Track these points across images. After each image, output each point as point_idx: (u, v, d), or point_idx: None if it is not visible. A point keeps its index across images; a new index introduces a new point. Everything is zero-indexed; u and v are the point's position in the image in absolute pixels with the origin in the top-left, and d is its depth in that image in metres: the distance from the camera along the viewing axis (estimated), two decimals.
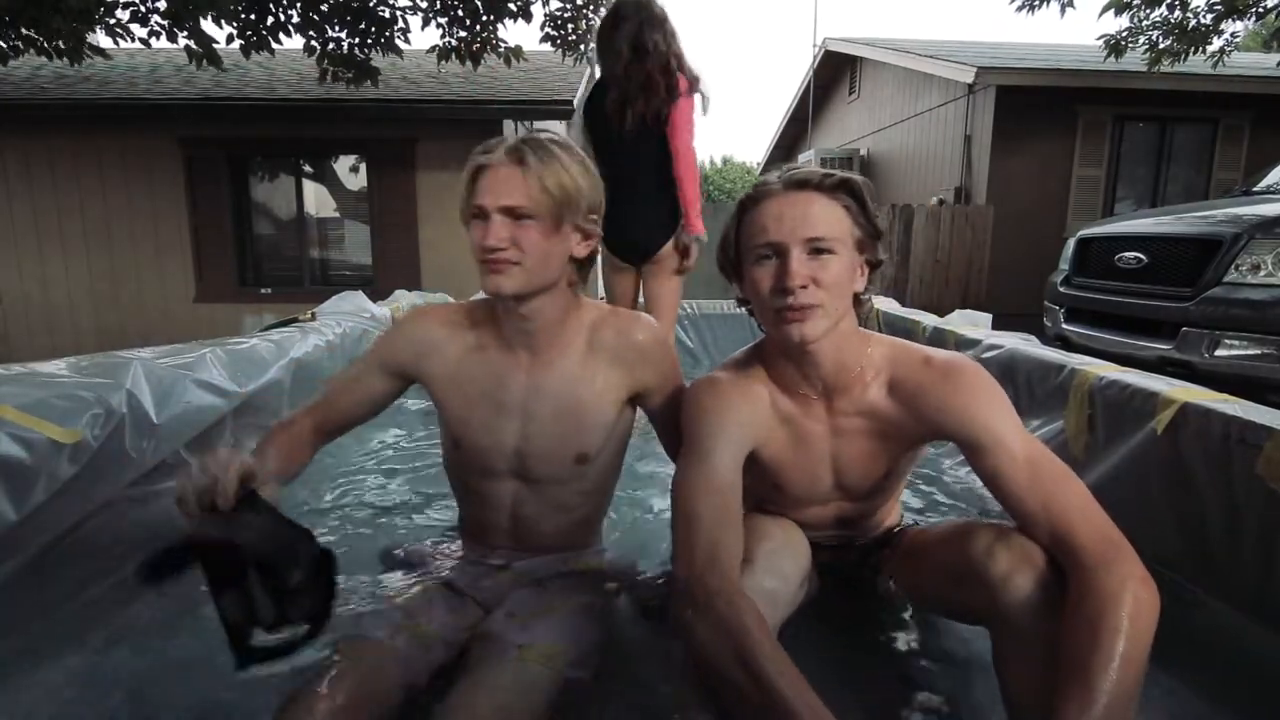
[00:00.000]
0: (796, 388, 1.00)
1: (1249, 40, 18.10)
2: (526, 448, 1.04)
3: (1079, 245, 3.78)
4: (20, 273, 6.27)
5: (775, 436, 1.02)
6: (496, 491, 1.09)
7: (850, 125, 10.89)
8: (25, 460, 1.08)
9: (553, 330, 1.01)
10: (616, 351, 1.03)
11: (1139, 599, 0.75)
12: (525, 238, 0.90)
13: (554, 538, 1.13)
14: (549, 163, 0.90)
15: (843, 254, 0.90)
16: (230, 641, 0.73)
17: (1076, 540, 0.81)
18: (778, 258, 0.90)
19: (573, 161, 0.93)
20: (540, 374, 1.02)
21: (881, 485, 1.08)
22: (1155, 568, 0.82)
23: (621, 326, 1.04)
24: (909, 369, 0.97)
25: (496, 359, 1.03)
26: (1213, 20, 5.63)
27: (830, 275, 0.88)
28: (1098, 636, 0.73)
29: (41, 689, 1.02)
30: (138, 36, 4.62)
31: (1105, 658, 0.71)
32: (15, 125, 6.00)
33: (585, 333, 1.04)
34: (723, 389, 1.00)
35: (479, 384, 1.04)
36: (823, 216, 0.89)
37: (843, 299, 0.92)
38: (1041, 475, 0.86)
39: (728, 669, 0.78)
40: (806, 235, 0.88)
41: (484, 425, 1.04)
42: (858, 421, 1.00)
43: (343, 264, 6.76)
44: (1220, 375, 2.67)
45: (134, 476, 1.42)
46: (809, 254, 0.88)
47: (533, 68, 7.64)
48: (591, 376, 1.02)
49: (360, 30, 5.01)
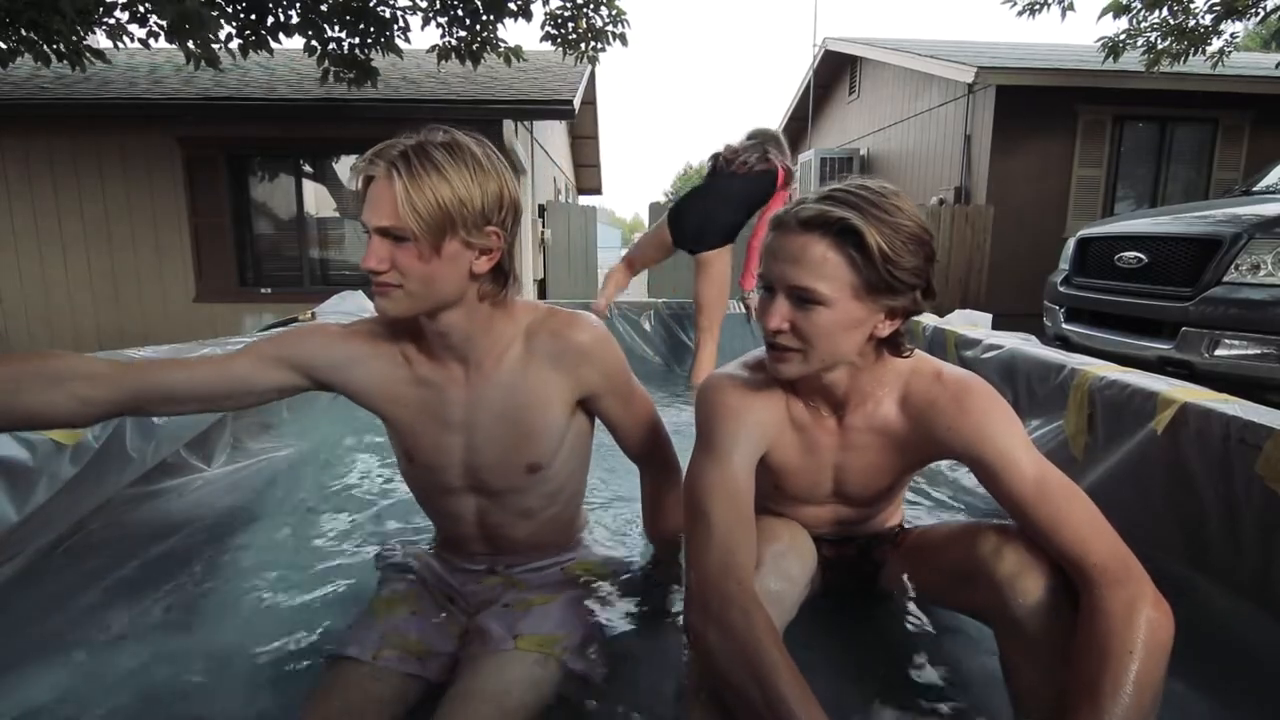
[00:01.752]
0: (810, 400, 1.00)
1: (1249, 40, 18.10)
2: (476, 460, 0.99)
3: (1079, 245, 3.78)
4: (20, 273, 6.27)
5: (786, 441, 1.01)
6: (458, 506, 1.05)
7: (850, 125, 10.89)
8: (27, 461, 1.08)
9: (478, 341, 0.94)
10: (555, 355, 0.96)
11: (1151, 620, 0.74)
12: (402, 260, 0.82)
13: (530, 541, 1.11)
14: (423, 176, 0.79)
15: (836, 306, 0.84)
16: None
17: (1087, 560, 0.80)
18: (769, 293, 0.88)
19: (459, 169, 0.82)
20: (478, 385, 0.96)
21: (881, 495, 1.08)
22: (1154, 567, 0.82)
23: (557, 328, 0.96)
24: (921, 385, 0.95)
25: (430, 373, 0.97)
26: (1212, 21, 5.63)
27: (813, 326, 0.85)
28: (1107, 657, 0.72)
29: (42, 688, 1.02)
30: (136, 38, 4.62)
31: (1115, 679, 0.71)
32: (15, 125, 6.00)
33: (521, 339, 0.97)
34: (744, 387, 0.98)
35: (418, 399, 0.97)
36: (815, 267, 0.83)
37: (831, 349, 0.87)
38: (1051, 495, 0.85)
39: (737, 678, 0.77)
40: (790, 283, 0.84)
41: (431, 442, 0.99)
42: (868, 437, 0.99)
43: (343, 264, 6.75)
44: (1220, 375, 2.68)
45: (134, 477, 1.43)
46: (794, 301, 0.85)
47: (533, 68, 7.64)
48: (531, 385, 0.96)
49: (360, 30, 5.00)
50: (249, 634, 1.16)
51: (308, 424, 2.30)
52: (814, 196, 0.87)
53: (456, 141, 0.85)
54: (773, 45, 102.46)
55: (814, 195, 0.87)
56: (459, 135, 0.87)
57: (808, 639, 1.11)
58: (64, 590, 1.25)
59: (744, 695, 0.76)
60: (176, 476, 1.72)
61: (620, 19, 5.27)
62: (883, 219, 0.82)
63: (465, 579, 1.11)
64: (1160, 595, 0.78)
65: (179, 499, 1.67)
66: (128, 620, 1.20)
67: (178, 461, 1.72)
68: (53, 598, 1.23)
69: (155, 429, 1.39)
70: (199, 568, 1.39)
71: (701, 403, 0.99)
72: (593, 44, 5.35)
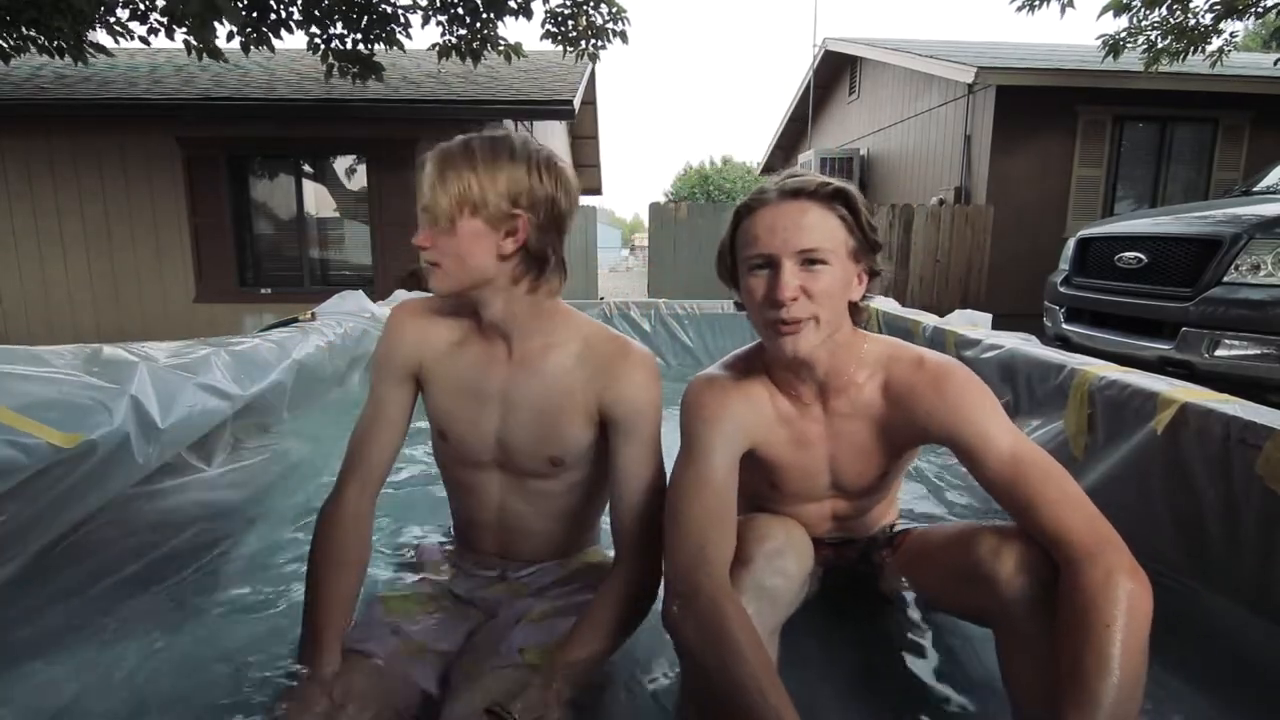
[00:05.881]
0: (793, 390, 1.01)
1: (1249, 40, 18.11)
2: (507, 437, 1.03)
3: (1079, 245, 3.78)
4: (20, 273, 6.28)
5: (774, 437, 1.02)
6: (483, 483, 1.08)
7: (850, 125, 10.89)
8: (24, 463, 1.08)
9: (521, 325, 1.00)
10: (593, 368, 1.00)
11: (1129, 592, 0.73)
12: (438, 240, 0.93)
13: (544, 541, 1.12)
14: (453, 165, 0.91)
15: (836, 265, 0.89)
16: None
17: (1065, 536, 0.81)
18: (770, 269, 0.89)
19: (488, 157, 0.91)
20: (518, 369, 1.02)
21: (876, 484, 1.09)
22: (1154, 567, 0.82)
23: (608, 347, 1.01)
24: (902, 370, 0.98)
25: (478, 349, 1.04)
26: (1212, 20, 5.63)
27: (821, 286, 0.88)
28: (1087, 633, 0.72)
29: (43, 687, 1.02)
30: (137, 35, 4.62)
31: (1098, 656, 0.70)
32: (15, 125, 6.00)
33: (574, 344, 1.01)
34: (722, 387, 1.01)
35: (462, 374, 1.04)
36: (816, 227, 0.88)
37: (836, 310, 0.91)
38: (1028, 473, 0.86)
39: (709, 666, 0.80)
40: (798, 247, 0.87)
41: (467, 415, 1.04)
42: (854, 423, 1.01)
43: (343, 264, 6.76)
44: (1220, 375, 2.68)
45: (137, 479, 1.43)
46: (801, 265, 0.88)
47: (533, 67, 7.64)
48: (564, 386, 1.00)
49: (362, 27, 5.01)
50: (249, 634, 1.16)
51: (308, 424, 2.30)
52: (773, 183, 0.93)
53: (497, 135, 0.94)
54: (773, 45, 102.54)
55: (771, 183, 0.93)
56: (507, 131, 0.95)
57: (808, 639, 1.11)
58: (64, 590, 1.25)
59: (713, 680, 0.79)
60: (176, 476, 1.72)
61: (621, 16, 5.27)
62: (849, 188, 0.91)
63: (475, 584, 1.11)
64: (1138, 566, 0.77)
65: (179, 499, 1.67)
66: (128, 620, 1.19)
67: (178, 461, 1.72)
68: (53, 598, 1.23)
69: (160, 433, 1.39)
70: (199, 568, 1.39)
71: (683, 406, 1.02)
72: (593, 41, 5.36)
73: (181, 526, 1.54)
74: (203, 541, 1.49)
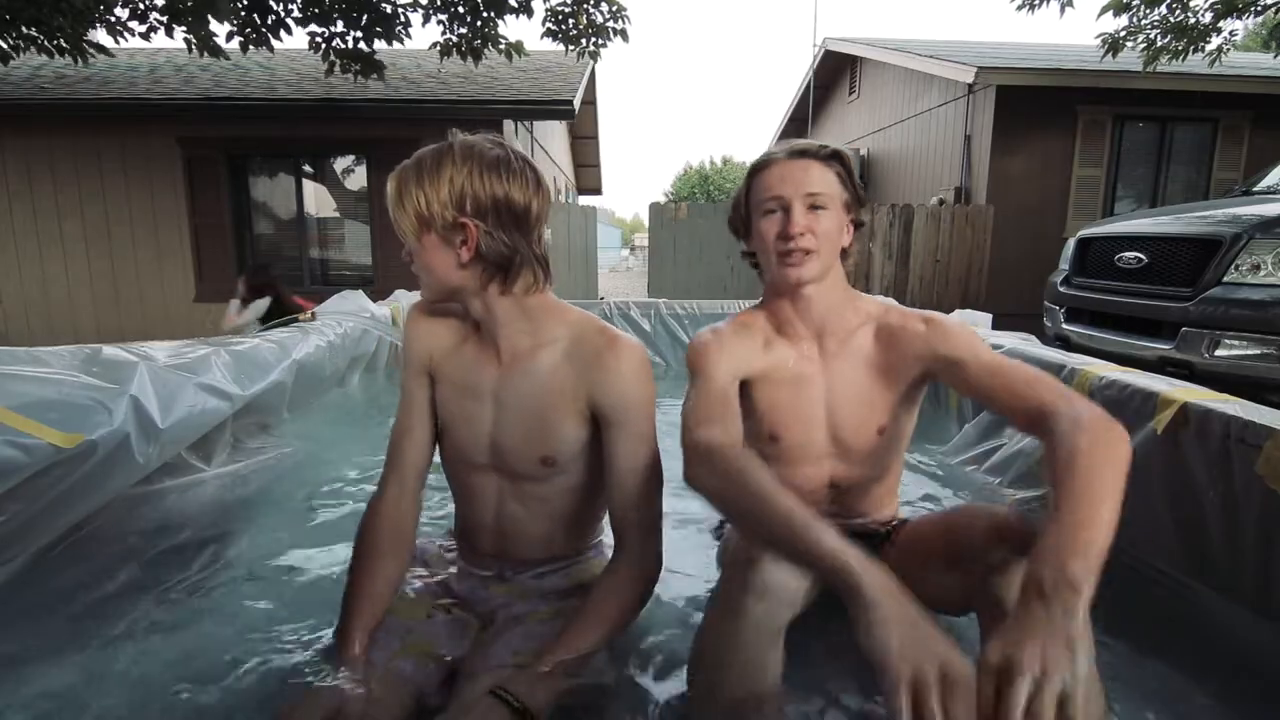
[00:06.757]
0: (791, 329, 1.14)
1: (1249, 40, 18.11)
2: (500, 438, 1.03)
3: (1079, 245, 3.78)
4: (20, 273, 6.28)
5: (772, 372, 1.14)
6: (481, 486, 1.09)
7: (850, 125, 10.89)
8: (25, 463, 1.08)
9: (507, 327, 1.01)
10: (582, 361, 0.99)
11: (1105, 430, 0.81)
12: (413, 255, 0.99)
13: (542, 544, 1.11)
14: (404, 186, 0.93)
15: (834, 211, 1.08)
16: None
17: (1043, 406, 0.90)
18: (782, 211, 1.08)
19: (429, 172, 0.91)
20: (509, 369, 1.03)
21: (875, 448, 1.14)
22: (1154, 567, 0.82)
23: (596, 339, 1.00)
24: (894, 318, 1.14)
25: (474, 350, 1.06)
26: (1212, 19, 5.63)
27: (824, 227, 1.07)
28: (1066, 471, 0.77)
29: (43, 687, 1.02)
30: (137, 33, 4.62)
31: (1072, 488, 0.74)
32: (15, 125, 6.00)
33: (564, 341, 1.01)
34: (720, 331, 1.16)
35: (461, 374, 1.06)
36: (819, 178, 1.07)
37: (833, 249, 1.10)
38: (1003, 367, 1.01)
39: (740, 501, 0.86)
40: (806, 191, 1.06)
41: (464, 414, 1.05)
42: (850, 367, 1.13)
43: (343, 264, 6.76)
44: (1220, 375, 2.68)
45: (137, 479, 1.43)
46: (808, 209, 1.06)
47: (533, 67, 7.65)
48: (553, 382, 1.00)
49: (362, 25, 5.01)
50: (250, 633, 1.16)
51: (308, 424, 2.30)
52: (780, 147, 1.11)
53: (443, 145, 0.94)
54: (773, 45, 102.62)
55: (779, 147, 1.12)
56: (453, 139, 0.95)
57: (808, 640, 1.11)
58: (64, 590, 1.25)
59: (750, 512, 0.85)
60: (176, 476, 1.72)
61: (621, 15, 5.27)
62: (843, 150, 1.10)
63: (475, 585, 1.11)
64: (1109, 415, 0.84)
65: (179, 499, 1.67)
66: (128, 620, 1.20)
67: (178, 461, 1.72)
68: (53, 598, 1.23)
69: (160, 433, 1.39)
70: (199, 568, 1.39)
71: (687, 356, 1.15)
72: (594, 39, 5.35)
73: (181, 526, 1.55)
74: (203, 541, 1.50)
